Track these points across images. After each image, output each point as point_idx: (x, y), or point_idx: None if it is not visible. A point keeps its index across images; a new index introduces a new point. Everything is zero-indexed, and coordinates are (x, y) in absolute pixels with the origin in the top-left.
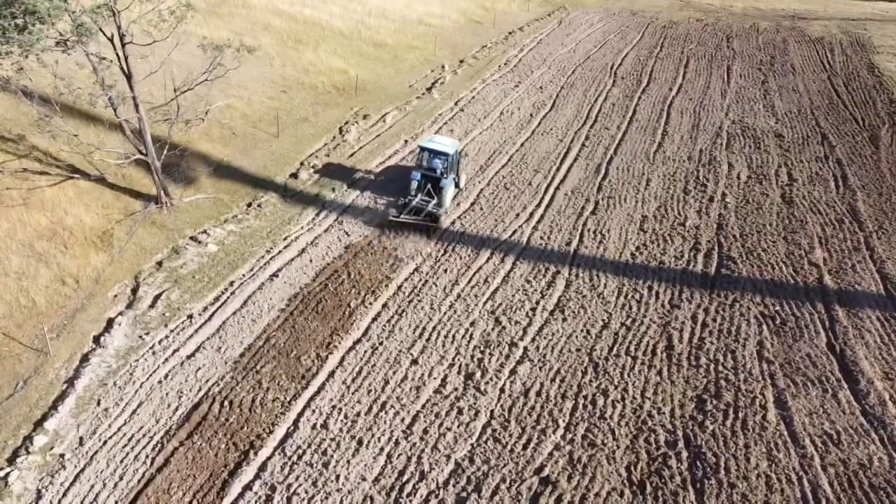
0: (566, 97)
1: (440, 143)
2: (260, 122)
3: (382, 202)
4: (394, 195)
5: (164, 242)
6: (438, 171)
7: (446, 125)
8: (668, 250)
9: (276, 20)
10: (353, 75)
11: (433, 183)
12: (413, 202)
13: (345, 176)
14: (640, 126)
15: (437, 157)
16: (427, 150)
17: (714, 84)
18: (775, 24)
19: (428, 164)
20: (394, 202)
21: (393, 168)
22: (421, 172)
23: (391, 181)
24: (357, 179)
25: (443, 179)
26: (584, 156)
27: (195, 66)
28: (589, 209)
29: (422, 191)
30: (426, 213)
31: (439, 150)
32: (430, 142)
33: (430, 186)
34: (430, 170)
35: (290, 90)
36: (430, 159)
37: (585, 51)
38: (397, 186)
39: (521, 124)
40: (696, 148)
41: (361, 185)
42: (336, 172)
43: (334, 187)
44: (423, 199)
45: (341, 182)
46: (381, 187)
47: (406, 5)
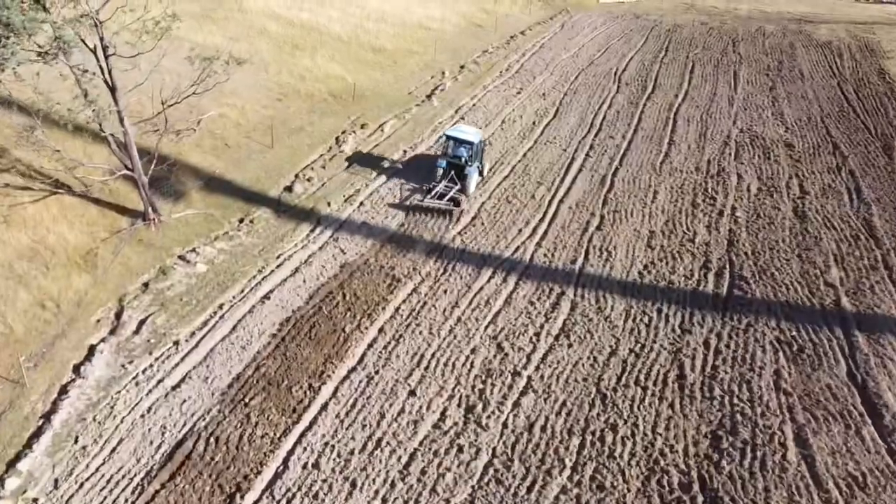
0: (569, 104)
1: (465, 131)
2: (254, 133)
3: (381, 216)
4: (387, 217)
5: (151, 262)
6: (463, 158)
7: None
8: (678, 269)
9: (273, 25)
10: (350, 82)
11: (457, 170)
12: (438, 188)
13: (340, 188)
14: (645, 135)
15: (462, 145)
16: (452, 138)
17: (721, 90)
18: (782, 27)
19: (453, 152)
20: (412, 192)
21: (418, 158)
22: (446, 160)
23: (391, 193)
24: (353, 193)
25: (467, 167)
26: (589, 167)
27: (186, 75)
28: (594, 224)
29: (446, 177)
30: (449, 198)
31: (464, 138)
32: (454, 130)
33: (455, 173)
34: (455, 157)
35: (285, 98)
36: (454, 147)
37: (588, 55)
38: (392, 201)
39: (524, 133)
40: (704, 158)
41: (358, 197)
42: (332, 185)
43: (330, 201)
44: (448, 185)
45: (336, 195)
46: (377, 202)
47: (405, 8)
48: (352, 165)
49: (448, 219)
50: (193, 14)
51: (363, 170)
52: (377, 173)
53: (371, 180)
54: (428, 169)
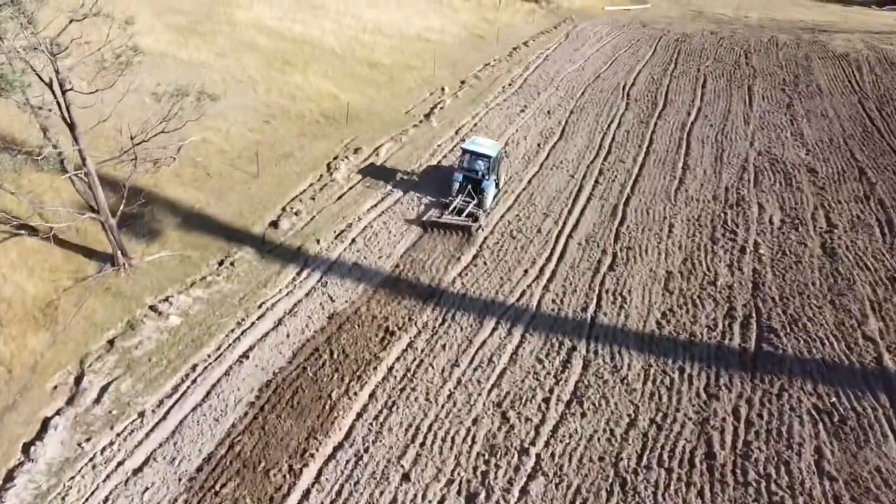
0: (576, 123)
1: (482, 144)
2: (238, 160)
3: (374, 255)
4: (380, 256)
5: (118, 314)
6: (480, 172)
7: (446, 158)
8: (699, 318)
9: (263, 38)
10: (344, 101)
11: (474, 184)
12: (454, 203)
13: (330, 223)
14: (657, 158)
15: (479, 158)
16: (469, 151)
17: (735, 107)
18: (795, 37)
19: (469, 166)
20: (428, 207)
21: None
22: (462, 174)
23: (385, 228)
24: (345, 228)
25: (484, 181)
26: (599, 195)
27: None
28: (606, 263)
29: (463, 192)
30: (467, 214)
31: (481, 152)
32: (472, 144)
33: (471, 188)
34: (472, 171)
35: (274, 120)
36: (471, 161)
37: (595, 68)
38: (386, 237)
39: (529, 157)
40: (721, 185)
41: (350, 233)
42: (322, 219)
43: (319, 238)
44: (465, 199)
45: (326, 231)
46: (370, 238)
47: (404, 19)
48: (365, 178)
49: (465, 236)
50: (179, 27)
51: (376, 182)
52: (391, 186)
53: (386, 193)
54: (444, 182)
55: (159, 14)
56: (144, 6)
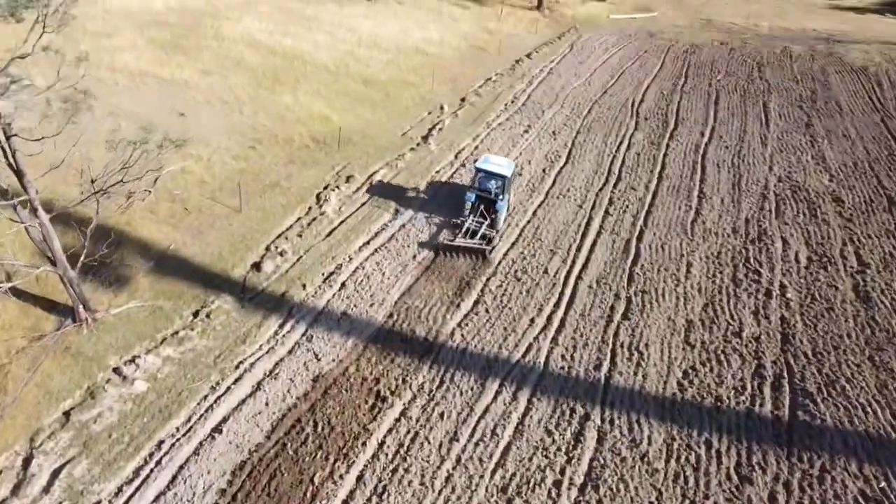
0: (583, 145)
1: (496, 164)
2: (220, 192)
3: (365, 302)
4: (372, 303)
5: (77, 380)
6: (493, 192)
7: (444, 188)
8: (725, 377)
9: (251, 54)
10: (336, 123)
11: (487, 204)
12: (467, 224)
13: (318, 263)
14: (671, 185)
15: (493, 178)
16: (483, 171)
17: (751, 127)
18: (808, 48)
19: (482, 185)
20: (439, 228)
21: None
22: (475, 193)
23: (374, 272)
24: (334, 270)
25: (498, 201)
26: (609, 228)
27: (145, 118)
28: (620, 310)
29: (475, 212)
30: (480, 236)
31: (496, 171)
32: (485, 163)
33: (484, 208)
34: (485, 190)
35: (260, 145)
36: (484, 180)
37: (602, 83)
38: (379, 280)
39: (533, 184)
40: (741, 216)
41: (340, 276)
42: (309, 259)
43: (305, 283)
44: (477, 220)
45: (313, 274)
46: (361, 281)
47: (401, 31)
48: (372, 198)
49: (479, 260)
50: (162, 42)
51: (385, 202)
52: (395, 207)
53: (381, 228)
54: (452, 199)
55: (142, 28)
56: (127, 20)
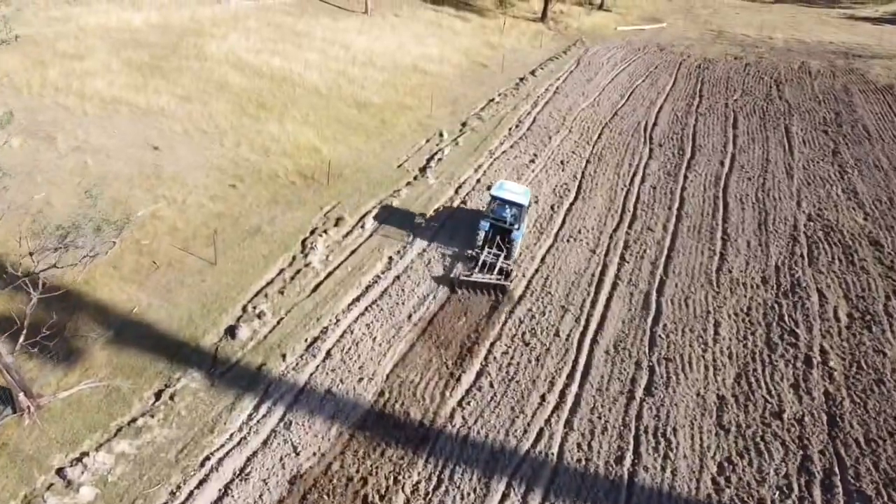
0: (594, 177)
1: (512, 191)
2: (194, 241)
3: (353, 376)
4: (361, 377)
5: (13, 487)
6: (508, 220)
7: (443, 228)
8: (767, 473)
9: (236, 76)
10: (326, 155)
11: (503, 234)
12: (482, 256)
13: (301, 327)
14: (691, 224)
15: (509, 206)
16: (498, 199)
17: (774, 154)
18: (828, 63)
19: (497, 213)
20: (452, 260)
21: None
22: (489, 222)
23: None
24: (319, 335)
25: (514, 231)
26: (626, 278)
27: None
28: (642, 383)
29: (490, 243)
30: (498, 270)
31: (512, 199)
32: (500, 189)
33: (499, 237)
34: (499, 219)
35: (241, 183)
36: (499, 208)
37: (611, 103)
38: (370, 347)
39: (541, 224)
40: (770, 262)
41: (325, 342)
42: (291, 321)
43: (285, 352)
44: (493, 252)
45: (295, 340)
46: (349, 350)
47: (398, 47)
48: (382, 226)
49: (498, 296)
50: (140, 65)
51: (397, 231)
52: (402, 246)
53: (373, 280)
54: (461, 226)
55: (118, 48)
56: (103, 39)
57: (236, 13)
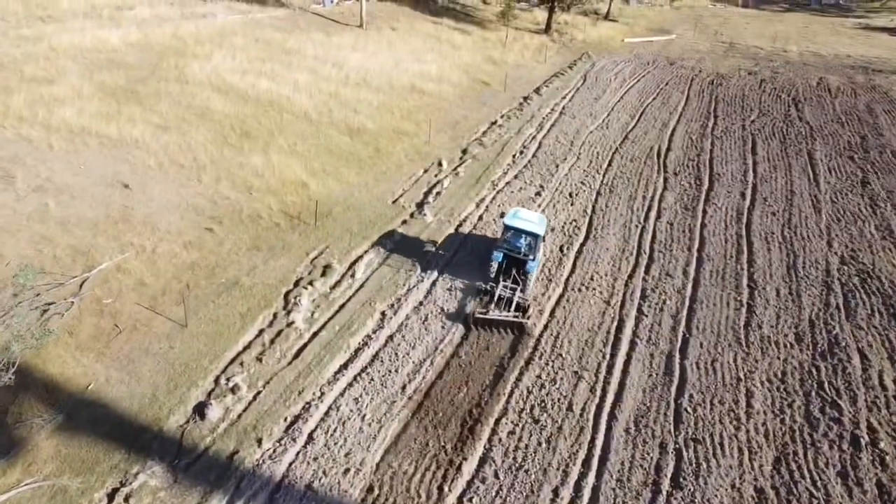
0: (606, 212)
1: (528, 220)
2: (163, 298)
3: (339, 464)
4: (348, 463)
5: None
6: (523, 251)
7: (442, 276)
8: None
9: (219, 101)
10: (314, 191)
11: (518, 265)
12: (498, 291)
13: (281, 403)
14: (714, 269)
15: (524, 236)
16: (512, 228)
17: (799, 184)
18: (847, 79)
19: (511, 244)
20: (464, 293)
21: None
22: (503, 252)
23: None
24: (301, 413)
25: (529, 262)
26: (645, 335)
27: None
28: (668, 471)
29: (506, 275)
30: (515, 306)
31: (527, 229)
32: (515, 218)
33: (515, 269)
34: (514, 249)
35: (219, 226)
36: (513, 237)
37: (621, 125)
38: (358, 427)
39: (550, 269)
40: (804, 315)
41: (308, 420)
42: (269, 396)
43: (261, 436)
44: (508, 285)
45: (273, 420)
46: (334, 431)
47: (395, 64)
48: (391, 256)
49: (516, 333)
50: (114, 89)
51: (390, 282)
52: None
53: (363, 342)
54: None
55: (93, 71)
56: (75, 61)
57: (223, 29)
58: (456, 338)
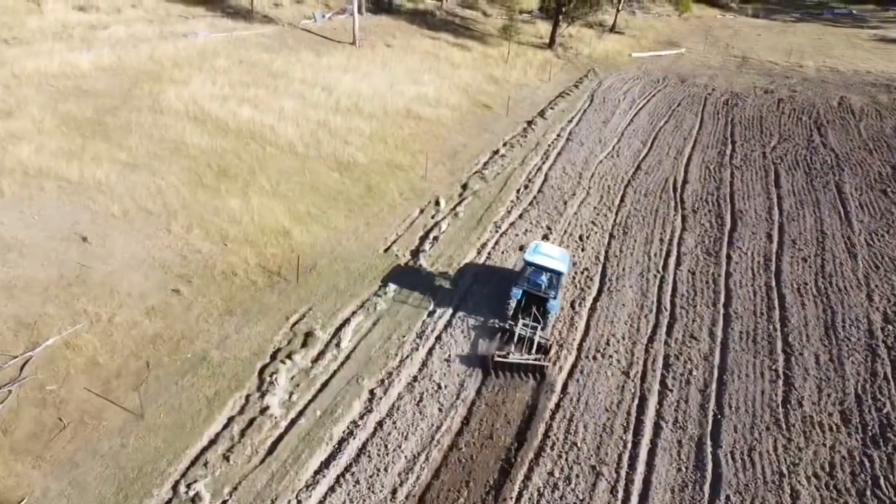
0: (620, 258)
1: (548, 255)
2: (119, 381)
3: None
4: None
5: None
6: (543, 288)
7: (439, 343)
8: None
9: (196, 133)
10: (297, 241)
11: (538, 303)
12: (517, 331)
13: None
14: (744, 329)
15: (545, 272)
16: (534, 265)
17: (829, 224)
18: (870, 99)
19: (531, 281)
20: (477, 331)
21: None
22: (522, 289)
23: None
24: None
25: (549, 300)
26: (671, 416)
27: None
28: None
29: (526, 314)
30: (536, 346)
31: (549, 266)
32: (536, 254)
33: (535, 308)
34: (534, 286)
35: (188, 286)
36: (534, 274)
37: (633, 153)
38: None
39: (561, 331)
40: (849, 388)
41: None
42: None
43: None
44: (528, 324)
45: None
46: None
47: (389, 86)
48: (381, 319)
49: (536, 378)
50: (79, 122)
51: (398, 327)
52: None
53: (347, 433)
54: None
55: (57, 100)
56: (39, 89)
57: (204, 49)
58: (455, 424)
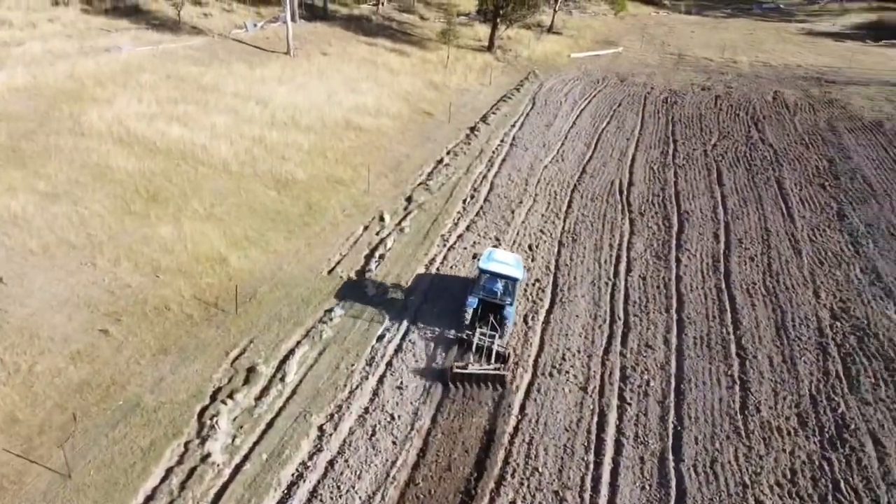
0: (571, 267)
1: (503, 261)
2: (41, 437)
3: None
4: None
5: None
6: (499, 295)
7: (390, 369)
8: None
9: (122, 156)
10: (235, 267)
11: (495, 311)
12: (475, 341)
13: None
14: (698, 334)
15: (501, 280)
16: (488, 272)
17: (773, 221)
18: (803, 93)
19: (487, 289)
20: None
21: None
22: (477, 298)
23: None
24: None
25: (506, 306)
26: (631, 432)
27: None
28: None
29: (483, 322)
30: (495, 355)
31: (504, 273)
32: (490, 261)
33: (492, 316)
34: (490, 294)
35: (118, 324)
36: (489, 281)
37: (577, 156)
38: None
39: (516, 347)
40: (803, 390)
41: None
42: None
43: None
44: (485, 333)
45: None
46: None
47: (328, 97)
48: (328, 347)
49: (496, 387)
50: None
51: (346, 355)
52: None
53: (300, 472)
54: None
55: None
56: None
57: (128, 64)
58: (411, 457)
